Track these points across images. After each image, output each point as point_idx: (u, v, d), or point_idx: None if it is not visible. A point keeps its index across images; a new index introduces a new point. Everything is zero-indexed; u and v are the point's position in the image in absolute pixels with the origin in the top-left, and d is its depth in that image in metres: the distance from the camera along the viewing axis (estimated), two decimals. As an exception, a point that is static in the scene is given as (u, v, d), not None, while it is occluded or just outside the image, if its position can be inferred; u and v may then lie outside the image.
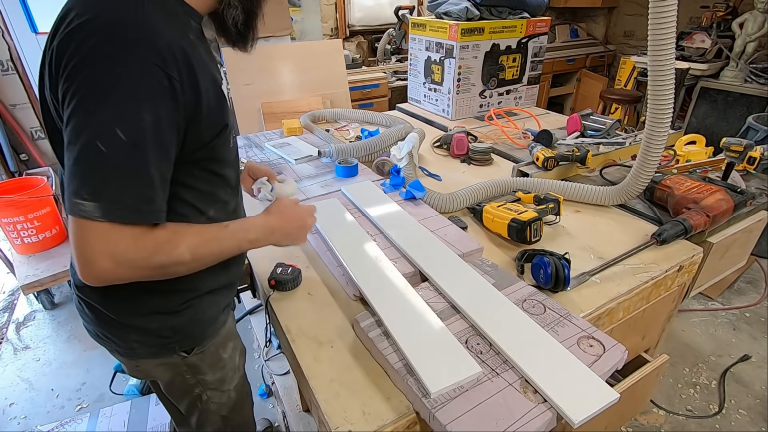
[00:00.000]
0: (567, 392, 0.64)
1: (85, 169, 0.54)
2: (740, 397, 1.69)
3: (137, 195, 0.56)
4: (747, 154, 1.33)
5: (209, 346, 0.85)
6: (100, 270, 0.56)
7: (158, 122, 0.56)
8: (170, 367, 0.84)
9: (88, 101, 0.54)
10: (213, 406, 0.92)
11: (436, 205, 1.19)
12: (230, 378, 0.93)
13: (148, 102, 0.55)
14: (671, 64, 0.93)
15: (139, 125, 0.55)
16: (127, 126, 0.54)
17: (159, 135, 0.57)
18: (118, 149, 0.54)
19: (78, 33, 0.55)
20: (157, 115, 0.56)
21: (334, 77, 2.45)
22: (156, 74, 0.55)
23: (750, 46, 2.80)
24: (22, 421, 1.68)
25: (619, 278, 0.95)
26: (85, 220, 0.54)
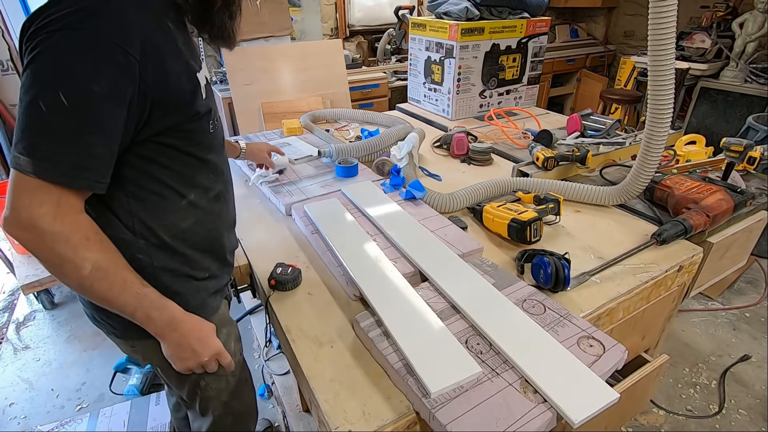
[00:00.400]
0: (567, 392, 0.64)
1: (25, 125, 0.56)
2: (740, 397, 1.69)
3: (70, 159, 0.57)
4: (747, 154, 1.33)
5: None
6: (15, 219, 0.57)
7: (108, 95, 0.57)
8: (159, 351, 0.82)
9: (40, 63, 0.56)
10: (212, 392, 0.92)
11: (436, 205, 1.19)
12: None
13: (100, 75, 0.56)
14: (671, 64, 0.93)
15: (85, 93, 0.56)
16: (71, 91, 0.55)
17: (106, 107, 0.58)
18: (58, 111, 0.55)
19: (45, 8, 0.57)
20: (108, 88, 0.57)
21: (334, 77, 2.46)
22: (111, 49, 0.57)
23: (750, 46, 2.80)
24: (22, 421, 1.68)
25: (619, 278, 0.95)
26: (18, 173, 0.56)
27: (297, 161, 1.49)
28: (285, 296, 0.92)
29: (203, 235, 0.80)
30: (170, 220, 0.74)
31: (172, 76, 0.64)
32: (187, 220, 0.76)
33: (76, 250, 0.60)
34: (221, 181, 0.83)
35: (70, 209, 0.60)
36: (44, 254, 0.60)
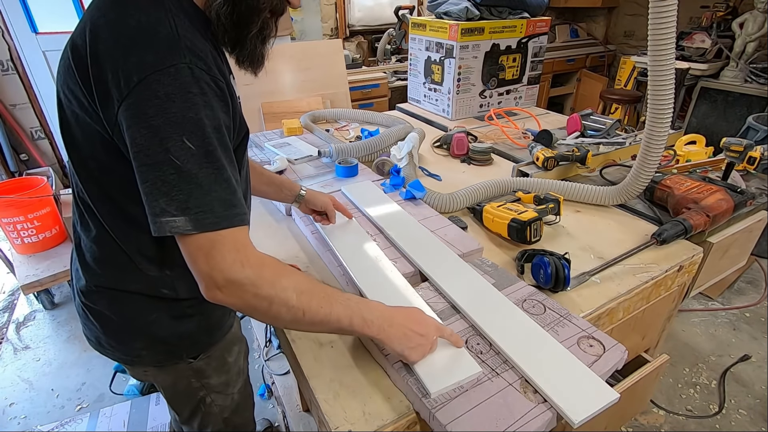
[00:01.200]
0: (567, 392, 0.64)
1: (167, 187, 0.53)
2: (740, 397, 1.69)
3: (221, 200, 0.55)
4: (747, 154, 1.33)
5: (215, 351, 0.85)
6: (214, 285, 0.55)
7: (218, 126, 0.56)
8: (175, 372, 0.83)
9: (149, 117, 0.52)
10: (216, 409, 0.92)
11: (436, 205, 1.19)
12: (234, 381, 0.93)
13: (206, 108, 0.55)
14: (671, 64, 0.93)
15: (204, 131, 0.54)
16: (193, 135, 0.53)
17: (222, 138, 0.57)
18: (191, 160, 0.53)
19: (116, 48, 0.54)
20: (216, 118, 0.56)
21: (334, 77, 2.45)
22: (205, 79, 0.55)
23: (750, 46, 2.80)
24: (22, 421, 1.68)
25: (619, 278, 0.95)
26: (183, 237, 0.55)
27: (297, 161, 1.49)
28: (285, 296, 0.92)
29: None
30: None
31: (235, 98, 0.64)
32: None
33: (273, 284, 0.58)
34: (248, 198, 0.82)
35: (247, 247, 0.58)
36: (253, 303, 0.58)
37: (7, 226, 2.04)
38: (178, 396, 0.89)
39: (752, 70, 2.82)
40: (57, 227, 2.18)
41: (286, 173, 1.40)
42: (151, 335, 0.75)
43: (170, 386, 0.87)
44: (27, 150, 2.73)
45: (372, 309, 0.66)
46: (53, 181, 2.28)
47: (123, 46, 0.53)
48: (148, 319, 0.74)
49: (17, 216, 2.02)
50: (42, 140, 2.78)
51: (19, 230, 2.05)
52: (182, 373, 0.84)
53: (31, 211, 2.04)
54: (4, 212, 2.00)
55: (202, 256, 0.55)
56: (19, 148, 2.74)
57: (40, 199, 2.06)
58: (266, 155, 1.56)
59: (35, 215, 2.06)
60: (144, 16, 0.55)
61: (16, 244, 2.11)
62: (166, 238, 0.58)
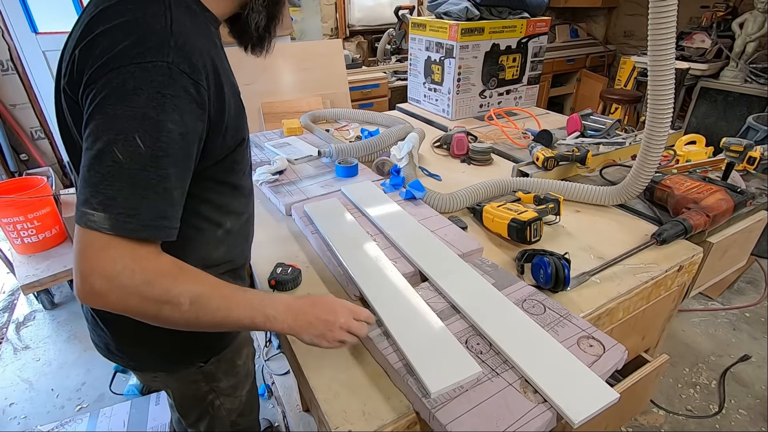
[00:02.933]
0: (567, 392, 0.64)
1: (98, 177, 0.50)
2: (740, 397, 1.69)
3: (150, 209, 0.52)
4: (747, 154, 1.33)
5: (225, 354, 0.84)
6: (90, 288, 0.51)
7: (184, 134, 0.53)
8: (186, 376, 0.83)
9: (109, 104, 0.50)
10: (224, 412, 0.91)
11: (436, 205, 1.19)
12: (243, 383, 0.93)
13: (174, 112, 0.52)
14: (671, 64, 0.93)
15: (161, 135, 0.51)
16: (148, 135, 0.50)
17: (183, 147, 0.54)
18: (135, 159, 0.50)
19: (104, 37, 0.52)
20: (183, 125, 0.53)
21: (334, 77, 2.45)
22: (183, 82, 0.52)
23: (750, 46, 2.80)
24: (22, 421, 1.68)
25: (619, 278, 0.95)
26: (89, 230, 0.50)
27: (297, 161, 1.49)
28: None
29: (229, 258, 0.78)
30: (204, 251, 0.71)
31: (227, 103, 0.60)
32: (219, 249, 0.74)
33: (166, 292, 0.55)
34: (251, 203, 0.81)
35: (145, 257, 0.54)
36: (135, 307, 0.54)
37: (7, 226, 2.04)
38: (187, 400, 0.89)
39: (752, 70, 2.82)
40: (57, 227, 2.18)
41: (286, 173, 1.40)
42: (161, 341, 0.74)
43: (179, 390, 0.87)
44: (27, 150, 2.73)
45: (276, 304, 0.65)
46: (53, 181, 2.28)
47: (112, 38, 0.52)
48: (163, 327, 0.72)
49: (17, 216, 2.01)
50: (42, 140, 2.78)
51: (19, 230, 2.05)
52: (192, 377, 0.83)
53: (31, 211, 2.04)
54: (4, 212, 2.00)
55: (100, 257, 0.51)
56: (19, 148, 2.74)
57: (40, 199, 2.05)
58: (266, 155, 1.56)
59: (35, 215, 2.06)
60: (141, 11, 0.53)
61: (16, 244, 2.11)
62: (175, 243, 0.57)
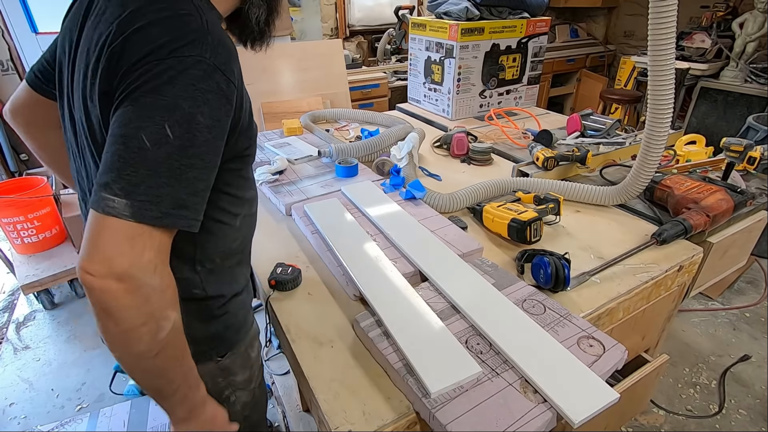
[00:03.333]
0: (567, 392, 0.64)
1: (121, 162, 0.49)
2: (740, 397, 1.69)
3: (173, 198, 0.52)
4: (747, 154, 1.33)
5: (240, 347, 0.84)
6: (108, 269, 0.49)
7: (212, 127, 0.54)
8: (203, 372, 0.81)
9: (143, 93, 0.51)
10: (238, 406, 0.91)
11: (436, 205, 1.19)
12: (256, 376, 0.92)
13: (206, 105, 0.53)
14: (671, 64, 0.93)
15: (191, 127, 0.52)
16: (178, 125, 0.51)
17: (210, 141, 0.55)
18: (163, 147, 0.50)
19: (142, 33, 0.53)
20: (213, 120, 0.54)
21: (334, 77, 2.45)
22: (217, 78, 0.54)
23: (750, 46, 2.80)
24: (22, 421, 1.68)
25: (619, 278, 0.95)
26: (107, 216, 0.49)
27: (297, 161, 1.49)
28: (285, 296, 0.92)
29: (242, 249, 0.79)
30: (224, 244, 0.72)
31: (245, 100, 0.63)
32: (237, 240, 0.75)
33: (164, 308, 0.53)
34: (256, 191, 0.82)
35: (166, 258, 0.54)
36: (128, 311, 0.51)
37: (7, 226, 2.04)
38: None
39: (752, 70, 2.82)
40: (57, 227, 2.18)
41: (286, 173, 1.40)
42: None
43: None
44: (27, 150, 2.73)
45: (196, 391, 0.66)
46: (53, 181, 2.28)
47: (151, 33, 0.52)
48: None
49: (17, 216, 2.02)
50: (42, 140, 2.78)
51: (19, 230, 2.05)
52: (210, 372, 0.82)
53: (31, 211, 2.04)
54: (4, 212, 2.00)
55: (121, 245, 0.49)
56: (19, 148, 2.74)
57: (40, 199, 2.06)
58: (266, 155, 1.56)
59: (35, 215, 2.06)
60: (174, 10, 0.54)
61: (16, 244, 2.11)
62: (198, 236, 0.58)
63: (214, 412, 0.71)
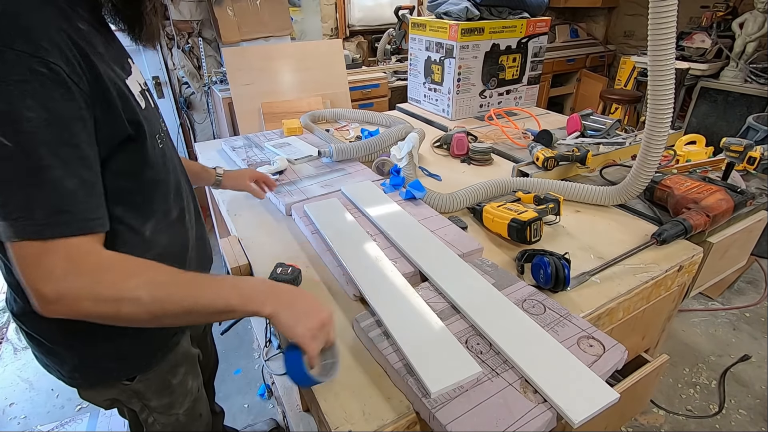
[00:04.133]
0: (567, 392, 0.64)
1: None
2: (740, 397, 1.69)
3: (42, 206, 0.49)
4: (747, 154, 1.33)
5: (155, 373, 0.80)
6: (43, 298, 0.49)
7: (50, 118, 0.49)
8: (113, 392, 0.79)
9: None
10: (158, 427, 0.87)
11: (436, 205, 1.19)
12: (179, 402, 0.88)
13: (27, 97, 0.47)
14: (671, 64, 0.93)
15: (22, 126, 0.47)
16: (8, 129, 0.47)
17: (56, 133, 0.49)
18: (6, 158, 0.47)
19: None
20: (45, 110, 0.48)
21: (334, 77, 2.45)
22: (26, 62, 0.47)
23: (750, 46, 2.80)
24: (22, 421, 1.68)
25: (619, 278, 0.95)
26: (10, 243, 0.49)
27: (297, 161, 1.49)
28: (285, 296, 0.91)
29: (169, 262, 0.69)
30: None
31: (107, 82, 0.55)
32: (148, 252, 0.68)
33: (117, 286, 0.52)
34: (181, 197, 0.76)
35: (87, 255, 0.52)
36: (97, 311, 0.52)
37: (7, 226, 2.04)
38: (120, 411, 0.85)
39: (752, 70, 2.82)
40: (57, 227, 2.18)
41: (286, 173, 1.40)
42: (82, 358, 0.72)
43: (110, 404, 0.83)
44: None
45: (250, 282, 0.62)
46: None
47: None
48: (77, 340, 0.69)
49: None
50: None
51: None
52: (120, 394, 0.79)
53: (31, 211, 2.04)
54: (4, 212, 2.00)
55: (28, 267, 0.49)
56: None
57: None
58: (266, 155, 1.56)
59: (35, 215, 2.06)
60: None
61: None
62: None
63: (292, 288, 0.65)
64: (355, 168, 1.43)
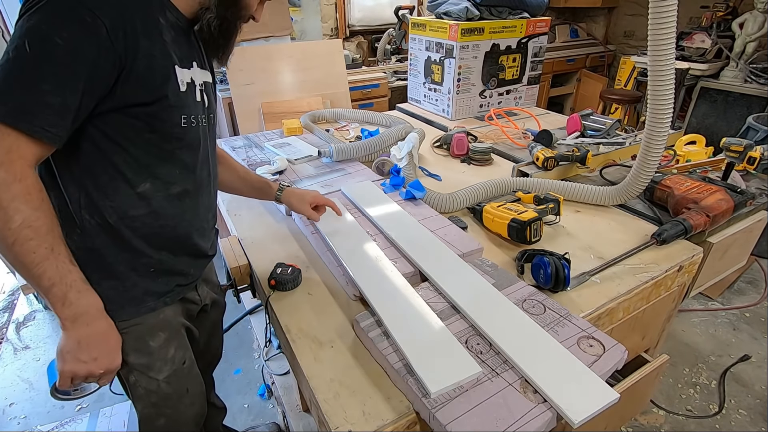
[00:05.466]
0: (567, 392, 0.64)
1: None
2: (740, 397, 1.69)
3: (19, 101, 0.59)
4: (747, 154, 1.33)
5: (132, 328, 0.81)
6: None
7: (70, 50, 0.60)
8: None
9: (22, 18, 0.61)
10: (141, 390, 0.89)
11: (436, 205, 1.19)
12: (158, 367, 0.88)
13: (64, 30, 0.60)
14: (671, 64, 0.93)
15: (47, 44, 0.59)
16: (35, 41, 0.59)
17: (68, 62, 0.60)
18: (19, 58, 0.59)
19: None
20: (71, 43, 0.60)
21: (334, 77, 2.45)
22: (80, 11, 0.60)
23: (750, 46, 2.80)
24: (22, 421, 1.68)
25: (619, 278, 0.95)
26: None
27: (297, 161, 1.49)
28: (285, 296, 0.92)
29: (156, 229, 0.78)
30: (118, 202, 0.73)
31: (141, 51, 0.66)
32: (137, 208, 0.75)
33: (12, 199, 0.60)
34: (191, 180, 0.81)
35: (20, 159, 0.60)
36: None
37: (7, 226, 2.04)
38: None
39: (752, 70, 2.82)
40: (57, 227, 2.18)
41: (286, 173, 1.40)
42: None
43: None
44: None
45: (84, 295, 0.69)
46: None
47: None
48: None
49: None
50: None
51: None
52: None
53: (31, 211, 2.04)
54: (4, 212, 2.00)
55: None
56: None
57: (40, 199, 2.05)
58: (266, 155, 1.56)
59: (35, 215, 2.06)
60: None
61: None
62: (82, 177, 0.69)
63: (108, 332, 0.74)
64: (355, 168, 1.43)
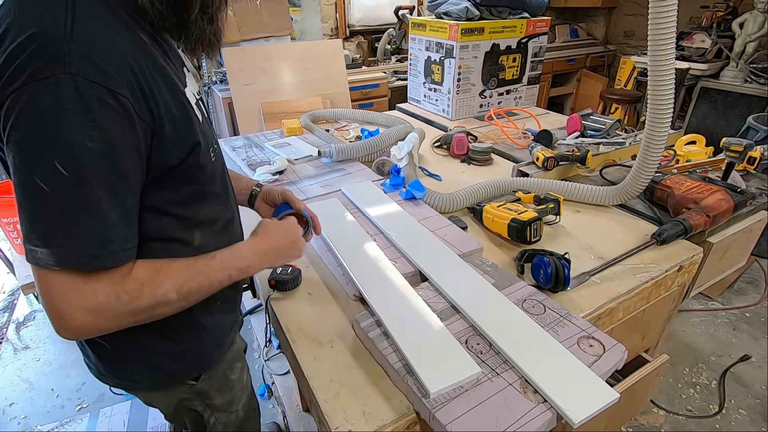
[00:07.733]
0: (567, 392, 0.64)
1: (29, 211, 0.48)
2: (740, 397, 1.69)
3: (90, 237, 0.50)
4: (747, 154, 1.33)
5: (217, 370, 0.82)
6: (79, 325, 0.51)
7: (109, 150, 0.49)
8: (177, 395, 0.81)
9: (20, 132, 0.46)
10: (220, 427, 0.89)
11: (436, 205, 1.19)
12: (238, 398, 0.91)
13: (91, 128, 0.47)
14: (671, 64, 0.93)
15: (83, 156, 0.47)
16: (68, 159, 0.47)
17: (112, 165, 0.50)
18: (60, 186, 0.47)
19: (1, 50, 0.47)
20: (107, 141, 0.49)
21: (334, 77, 2.46)
22: (97, 93, 0.47)
23: (750, 46, 2.80)
24: (22, 421, 1.68)
25: (619, 278, 0.95)
26: (46, 270, 0.49)
27: (297, 161, 1.49)
28: (285, 296, 0.92)
29: None
30: None
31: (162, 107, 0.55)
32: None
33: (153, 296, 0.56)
34: (227, 207, 0.77)
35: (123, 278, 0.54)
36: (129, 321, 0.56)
37: (7, 226, 2.04)
38: (180, 417, 0.86)
39: (752, 70, 2.82)
40: (57, 227, 2.18)
41: (286, 173, 1.40)
42: (146, 360, 0.73)
43: (172, 408, 0.84)
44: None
45: (244, 255, 0.70)
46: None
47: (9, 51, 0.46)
48: (141, 343, 0.70)
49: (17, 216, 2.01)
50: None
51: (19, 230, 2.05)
52: (184, 395, 0.81)
53: (31, 211, 2.04)
54: (4, 212, 2.00)
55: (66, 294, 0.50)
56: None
57: (40, 199, 2.05)
58: (266, 155, 1.56)
59: (35, 215, 2.05)
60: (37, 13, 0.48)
61: (17, 244, 2.11)
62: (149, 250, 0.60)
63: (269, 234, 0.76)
64: (355, 168, 1.43)
